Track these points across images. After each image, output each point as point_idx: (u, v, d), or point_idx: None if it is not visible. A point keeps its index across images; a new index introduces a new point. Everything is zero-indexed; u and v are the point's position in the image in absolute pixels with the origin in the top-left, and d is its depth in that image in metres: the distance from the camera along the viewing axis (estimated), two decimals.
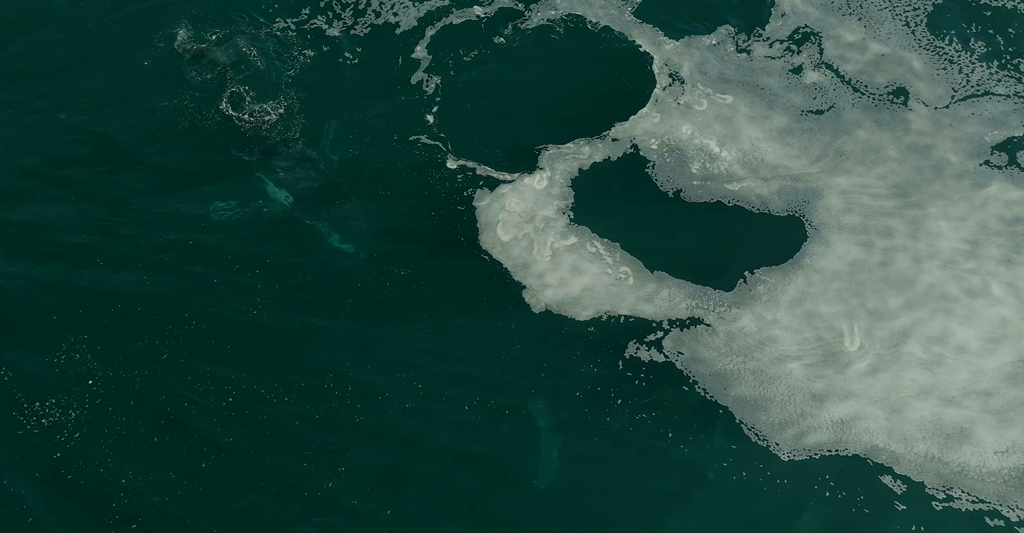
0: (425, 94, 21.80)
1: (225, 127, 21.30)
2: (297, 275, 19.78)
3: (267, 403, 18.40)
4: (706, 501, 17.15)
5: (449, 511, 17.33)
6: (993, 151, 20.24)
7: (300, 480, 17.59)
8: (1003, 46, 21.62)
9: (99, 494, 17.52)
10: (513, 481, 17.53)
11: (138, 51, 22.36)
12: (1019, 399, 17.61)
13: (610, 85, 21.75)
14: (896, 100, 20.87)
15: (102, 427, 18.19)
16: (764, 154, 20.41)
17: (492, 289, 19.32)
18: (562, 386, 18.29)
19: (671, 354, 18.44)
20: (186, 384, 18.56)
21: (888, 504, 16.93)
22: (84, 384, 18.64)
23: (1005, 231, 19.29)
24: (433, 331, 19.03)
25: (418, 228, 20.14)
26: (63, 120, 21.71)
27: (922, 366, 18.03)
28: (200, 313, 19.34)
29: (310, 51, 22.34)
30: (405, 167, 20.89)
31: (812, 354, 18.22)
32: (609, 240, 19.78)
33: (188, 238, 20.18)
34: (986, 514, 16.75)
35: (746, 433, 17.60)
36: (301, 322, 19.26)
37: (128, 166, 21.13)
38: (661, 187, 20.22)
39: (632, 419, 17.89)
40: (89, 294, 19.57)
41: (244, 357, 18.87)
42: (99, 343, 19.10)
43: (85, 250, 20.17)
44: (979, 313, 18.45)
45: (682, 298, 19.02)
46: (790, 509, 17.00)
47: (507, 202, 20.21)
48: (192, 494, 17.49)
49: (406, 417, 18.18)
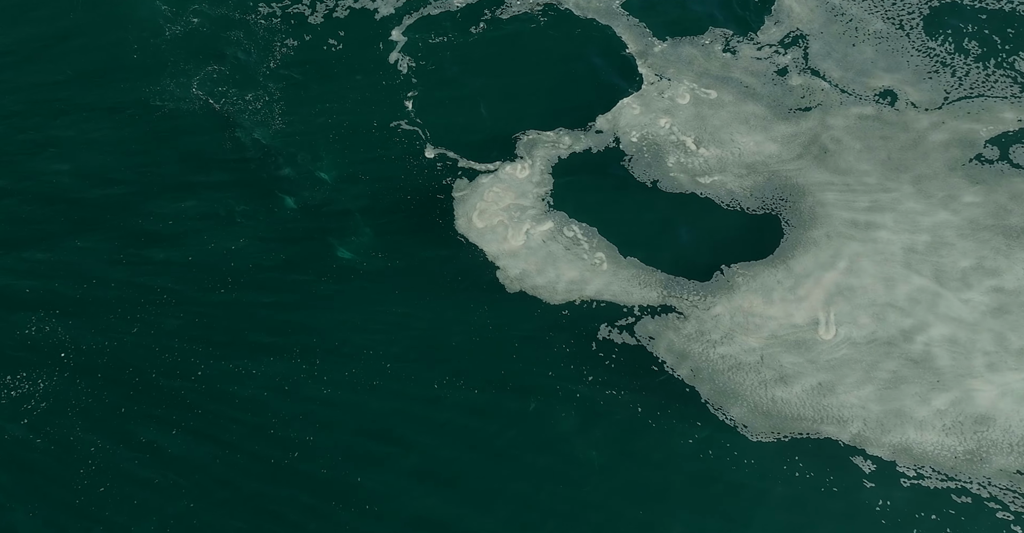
0: (406, 82, 22.05)
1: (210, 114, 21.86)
2: (266, 254, 20.00)
3: (235, 377, 18.57)
4: (678, 481, 17.13)
5: (416, 480, 17.42)
6: (980, 149, 20.09)
7: (268, 446, 17.73)
8: (999, 46, 21.70)
9: (67, 460, 17.82)
10: (482, 448, 17.64)
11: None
12: (995, 383, 17.54)
13: (594, 76, 21.94)
14: (882, 100, 20.91)
15: (70, 398, 18.44)
16: (745, 150, 20.49)
17: (466, 273, 19.45)
18: (533, 366, 18.30)
19: (643, 338, 18.42)
20: (154, 356, 18.81)
21: (856, 482, 16.84)
22: (56, 357, 18.95)
23: (988, 227, 19.29)
24: (402, 314, 19.14)
25: (397, 212, 20.35)
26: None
27: (896, 353, 17.98)
28: (170, 289, 19.62)
29: (292, 40, 22.79)
30: (387, 156, 21.11)
31: (786, 341, 18.19)
32: (588, 224, 19.86)
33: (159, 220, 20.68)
34: (953, 492, 16.61)
35: (713, 413, 17.54)
36: (273, 299, 19.43)
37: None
38: (639, 178, 20.32)
39: (603, 395, 17.87)
40: (63, 270, 19.99)
41: (213, 333, 19.12)
42: (70, 318, 19.45)
43: (63, 225, 20.61)
44: (956, 305, 18.43)
45: (657, 286, 19.04)
46: (758, 488, 16.93)
47: (486, 190, 20.34)
48: (163, 459, 17.71)
49: (373, 394, 18.26)
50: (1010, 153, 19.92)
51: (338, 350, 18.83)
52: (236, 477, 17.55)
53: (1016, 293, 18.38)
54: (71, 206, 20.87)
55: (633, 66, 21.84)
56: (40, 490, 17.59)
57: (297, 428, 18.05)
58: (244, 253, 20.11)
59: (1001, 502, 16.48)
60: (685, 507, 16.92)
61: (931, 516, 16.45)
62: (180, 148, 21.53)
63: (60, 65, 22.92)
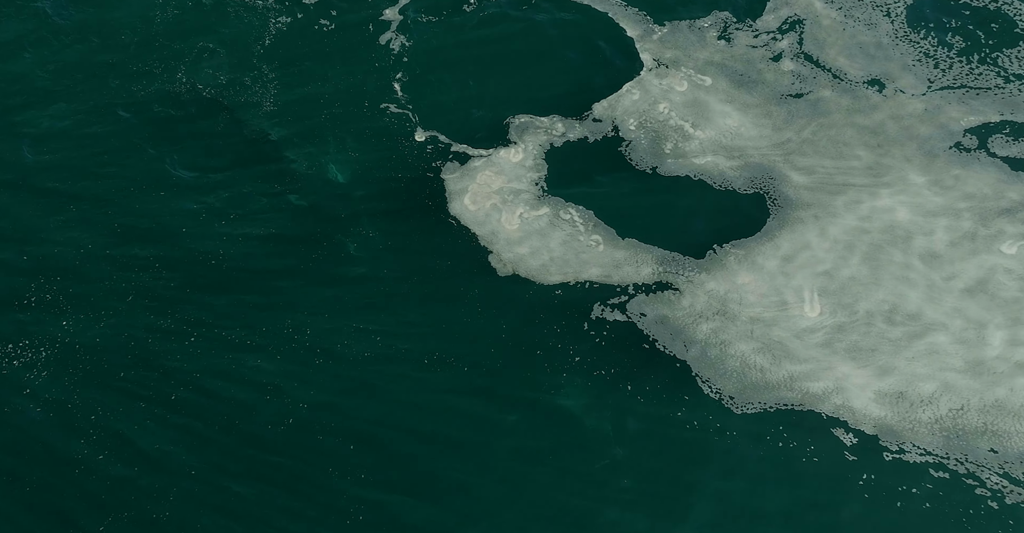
0: (399, 63, 22.29)
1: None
2: (259, 226, 20.26)
3: (230, 344, 18.89)
4: (666, 454, 17.52)
5: (387, 455, 17.73)
6: (963, 137, 20.56)
7: (252, 413, 18.07)
8: (983, 40, 22.06)
9: (71, 421, 18.22)
10: (474, 434, 17.89)
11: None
12: (972, 361, 18.01)
13: (591, 62, 22.17)
14: (871, 87, 21.28)
15: (68, 366, 18.76)
16: (739, 134, 20.85)
17: (460, 255, 19.71)
18: (523, 344, 18.60)
19: (634, 315, 18.76)
20: (152, 325, 19.14)
21: (838, 455, 17.25)
22: (58, 325, 19.23)
23: (968, 210, 19.70)
24: (389, 294, 19.40)
25: (389, 196, 20.58)
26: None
27: (876, 331, 18.42)
28: (168, 258, 19.90)
29: (285, 18, 22.82)
30: (373, 132, 21.31)
31: (773, 317, 18.59)
32: (584, 207, 20.13)
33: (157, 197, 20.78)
34: (932, 466, 17.05)
35: (700, 385, 17.92)
36: (262, 266, 19.73)
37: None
38: (636, 163, 20.62)
39: (591, 375, 18.22)
40: (59, 244, 20.22)
41: (207, 296, 19.48)
42: (70, 287, 19.70)
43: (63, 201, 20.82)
44: (937, 285, 18.86)
45: (651, 264, 19.38)
46: (740, 458, 17.34)
47: (478, 173, 20.54)
48: (163, 423, 18.01)
49: (361, 366, 18.58)
50: (989, 143, 20.48)
51: (325, 326, 19.08)
52: (217, 476, 17.72)
53: (992, 272, 18.86)
54: (61, 199, 20.98)
55: (632, 52, 22.11)
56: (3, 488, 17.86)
57: (285, 395, 18.33)
58: (231, 238, 20.36)
59: (979, 478, 16.98)
60: (671, 473, 17.33)
61: (911, 489, 16.92)
62: (169, 136, 21.69)
63: (44, 53, 22.98)
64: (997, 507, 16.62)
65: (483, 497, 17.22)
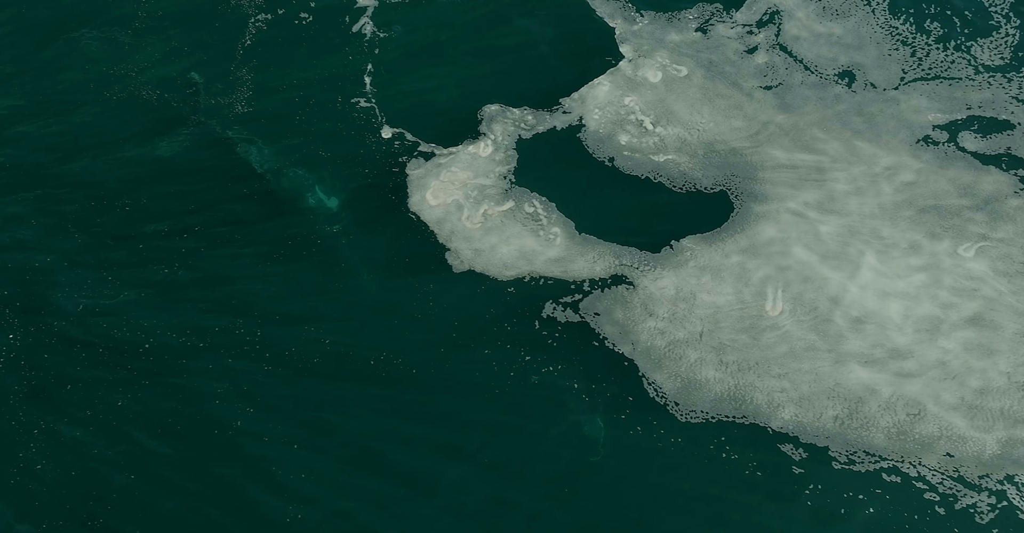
0: (371, 56, 22.15)
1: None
2: (223, 213, 20.43)
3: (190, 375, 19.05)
4: (600, 457, 17.31)
5: (348, 435, 17.92)
6: (932, 130, 19.99)
7: (224, 404, 18.32)
8: (959, 29, 21.39)
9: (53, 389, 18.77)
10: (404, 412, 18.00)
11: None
12: (929, 362, 17.47)
13: (568, 53, 21.93)
14: (841, 81, 20.74)
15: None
16: (705, 128, 20.42)
17: (415, 253, 19.63)
18: (471, 342, 18.48)
19: (587, 313, 18.50)
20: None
21: (784, 468, 16.80)
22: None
23: (933, 208, 19.16)
24: (343, 288, 19.41)
25: (352, 189, 20.61)
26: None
27: (835, 330, 17.93)
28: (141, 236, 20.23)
29: (266, 14, 22.94)
30: (344, 132, 21.26)
31: (731, 317, 18.20)
32: (547, 199, 19.92)
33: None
34: (884, 471, 16.58)
35: (645, 388, 17.61)
36: (227, 252, 19.97)
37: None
38: (601, 157, 20.32)
39: (538, 373, 18.03)
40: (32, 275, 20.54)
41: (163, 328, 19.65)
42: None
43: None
44: (895, 283, 18.34)
45: (607, 259, 19.08)
46: (680, 469, 16.97)
47: (444, 170, 20.42)
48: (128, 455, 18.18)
49: (319, 354, 18.74)
50: (959, 138, 19.88)
51: (279, 320, 19.20)
52: (187, 481, 17.97)
53: (950, 271, 18.33)
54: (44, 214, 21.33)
55: (611, 43, 21.76)
56: None
57: (243, 387, 18.62)
58: (200, 234, 20.58)
59: (929, 483, 16.47)
60: (605, 482, 17.08)
61: (859, 496, 16.47)
62: (149, 142, 21.91)
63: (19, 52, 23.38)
64: (944, 513, 16.18)
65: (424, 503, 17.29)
